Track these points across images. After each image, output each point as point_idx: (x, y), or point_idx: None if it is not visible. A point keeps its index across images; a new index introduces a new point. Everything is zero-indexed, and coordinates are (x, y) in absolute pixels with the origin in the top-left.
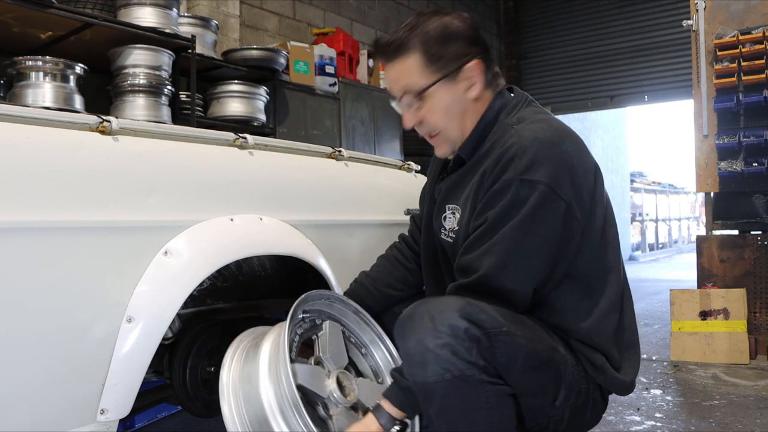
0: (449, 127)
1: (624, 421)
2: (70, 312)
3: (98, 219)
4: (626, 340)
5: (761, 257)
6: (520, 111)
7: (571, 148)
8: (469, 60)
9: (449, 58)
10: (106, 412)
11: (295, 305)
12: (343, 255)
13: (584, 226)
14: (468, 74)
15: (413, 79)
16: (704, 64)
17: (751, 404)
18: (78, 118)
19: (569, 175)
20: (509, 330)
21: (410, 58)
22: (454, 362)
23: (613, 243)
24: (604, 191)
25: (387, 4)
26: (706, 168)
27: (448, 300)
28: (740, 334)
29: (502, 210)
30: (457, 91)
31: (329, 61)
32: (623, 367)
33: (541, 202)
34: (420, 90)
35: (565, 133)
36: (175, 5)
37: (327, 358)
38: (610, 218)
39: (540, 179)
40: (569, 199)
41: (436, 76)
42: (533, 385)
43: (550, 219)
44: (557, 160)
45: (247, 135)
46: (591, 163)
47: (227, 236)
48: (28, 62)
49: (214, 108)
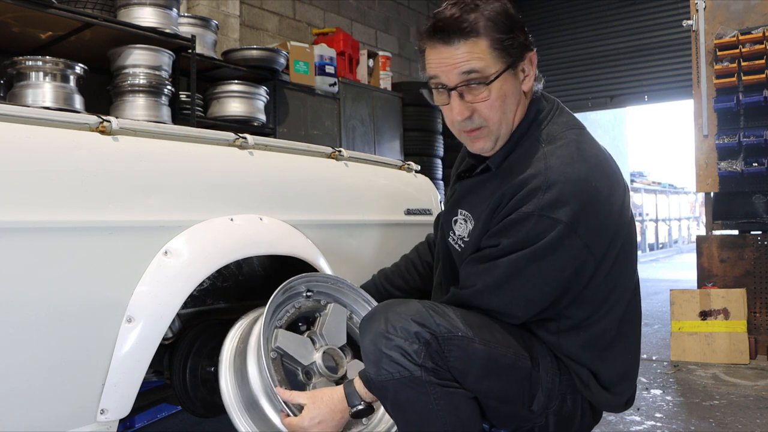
0: (501, 120)
1: (624, 421)
2: (70, 312)
3: (98, 219)
4: (622, 364)
5: (761, 257)
6: (552, 121)
7: (601, 183)
8: (532, 50)
9: (515, 46)
10: (106, 412)
11: (289, 283)
12: (343, 255)
13: (600, 260)
14: (526, 65)
15: (481, 64)
16: (704, 64)
17: (751, 404)
18: (78, 118)
19: (593, 215)
20: (466, 335)
21: (480, 41)
22: (403, 363)
23: (625, 267)
24: (629, 213)
25: (387, 4)
26: (706, 168)
27: (408, 304)
28: (740, 334)
29: (517, 241)
30: (515, 82)
31: (329, 61)
32: (616, 389)
33: (558, 241)
34: (489, 77)
35: (595, 162)
36: (175, 5)
37: (320, 335)
38: (629, 240)
39: (560, 218)
40: (587, 239)
41: (502, 65)
42: (495, 390)
43: (563, 258)
44: (582, 199)
45: (247, 135)
46: (619, 194)
47: (227, 236)
48: (28, 62)
49: (214, 108)
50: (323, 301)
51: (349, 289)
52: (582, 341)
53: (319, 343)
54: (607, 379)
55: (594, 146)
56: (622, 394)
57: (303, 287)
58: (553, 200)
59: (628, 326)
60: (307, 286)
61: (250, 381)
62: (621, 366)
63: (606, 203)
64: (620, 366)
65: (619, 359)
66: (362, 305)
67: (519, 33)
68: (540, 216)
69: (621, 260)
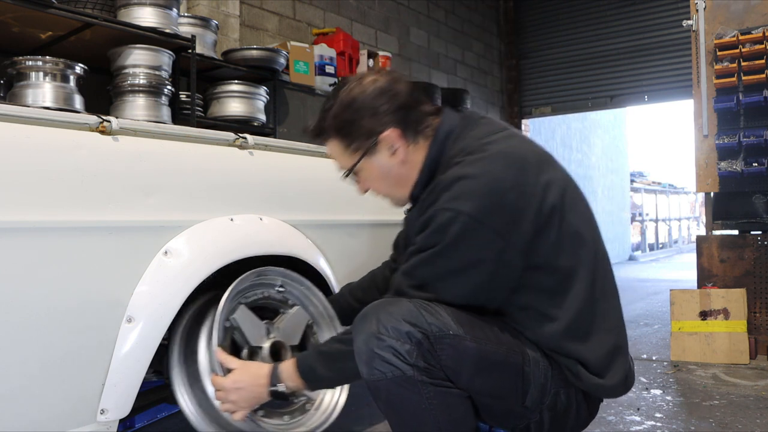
0: (393, 187)
1: (624, 421)
2: (70, 312)
3: (98, 219)
4: (607, 343)
5: (761, 257)
6: (465, 138)
7: (507, 173)
8: (382, 131)
9: (362, 135)
10: (106, 412)
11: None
12: (343, 255)
13: (526, 246)
14: (386, 144)
15: (339, 161)
16: (704, 64)
17: (751, 404)
18: (78, 118)
19: (500, 203)
20: (456, 333)
21: (330, 143)
22: (395, 363)
23: (572, 248)
24: (559, 196)
25: (387, 4)
26: (706, 168)
27: (400, 304)
28: (740, 334)
29: (427, 236)
30: (382, 160)
31: (329, 61)
32: (608, 371)
33: (462, 231)
34: (348, 171)
35: (499, 156)
36: (175, 5)
37: (277, 328)
38: (566, 222)
39: (463, 209)
40: (498, 227)
41: (357, 156)
42: (489, 387)
43: (474, 248)
44: (484, 191)
45: (247, 135)
46: (539, 182)
47: (227, 236)
48: (28, 62)
49: (214, 108)
50: (291, 301)
51: (318, 301)
52: (559, 331)
53: (273, 334)
54: (596, 363)
55: (502, 143)
56: (615, 374)
57: (279, 280)
58: (455, 195)
59: (603, 305)
60: (282, 281)
61: (199, 340)
62: (606, 345)
63: (515, 189)
64: (605, 346)
65: (603, 340)
66: (326, 320)
67: (364, 121)
68: (443, 209)
69: (562, 243)
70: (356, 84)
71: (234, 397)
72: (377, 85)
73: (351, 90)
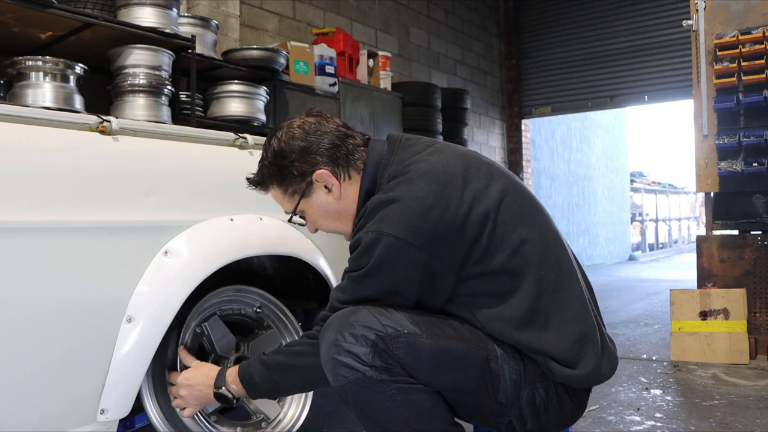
0: (336, 226)
1: (624, 421)
2: (70, 312)
3: (98, 219)
4: (570, 332)
5: (761, 257)
6: (392, 164)
7: (427, 190)
8: (314, 171)
9: (296, 179)
10: (106, 412)
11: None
12: (343, 255)
13: (454, 257)
14: (320, 183)
15: (283, 206)
16: (704, 64)
17: (751, 404)
18: (78, 118)
19: (423, 220)
20: (411, 332)
21: (271, 191)
22: (354, 366)
23: (518, 252)
24: (510, 202)
25: (387, 4)
26: (706, 168)
27: (357, 311)
28: (740, 334)
29: (355, 259)
30: (320, 199)
31: (329, 61)
32: (579, 360)
33: (386, 252)
34: (291, 214)
35: (417, 175)
36: (175, 5)
37: (248, 345)
38: (500, 223)
39: (384, 230)
40: (422, 244)
41: (296, 199)
42: (452, 382)
43: (402, 266)
44: (407, 210)
45: (247, 135)
46: (464, 194)
47: (227, 236)
48: (28, 62)
49: (214, 108)
50: (266, 323)
51: (293, 329)
52: (514, 329)
53: (242, 350)
54: (564, 354)
55: (424, 163)
56: (587, 363)
57: (258, 302)
58: (379, 219)
59: (559, 295)
60: (261, 302)
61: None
62: (570, 335)
63: (437, 206)
64: (570, 336)
65: (565, 330)
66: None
67: (295, 164)
68: (366, 233)
69: (500, 247)
70: (285, 130)
71: (184, 392)
72: (305, 127)
73: (280, 137)
